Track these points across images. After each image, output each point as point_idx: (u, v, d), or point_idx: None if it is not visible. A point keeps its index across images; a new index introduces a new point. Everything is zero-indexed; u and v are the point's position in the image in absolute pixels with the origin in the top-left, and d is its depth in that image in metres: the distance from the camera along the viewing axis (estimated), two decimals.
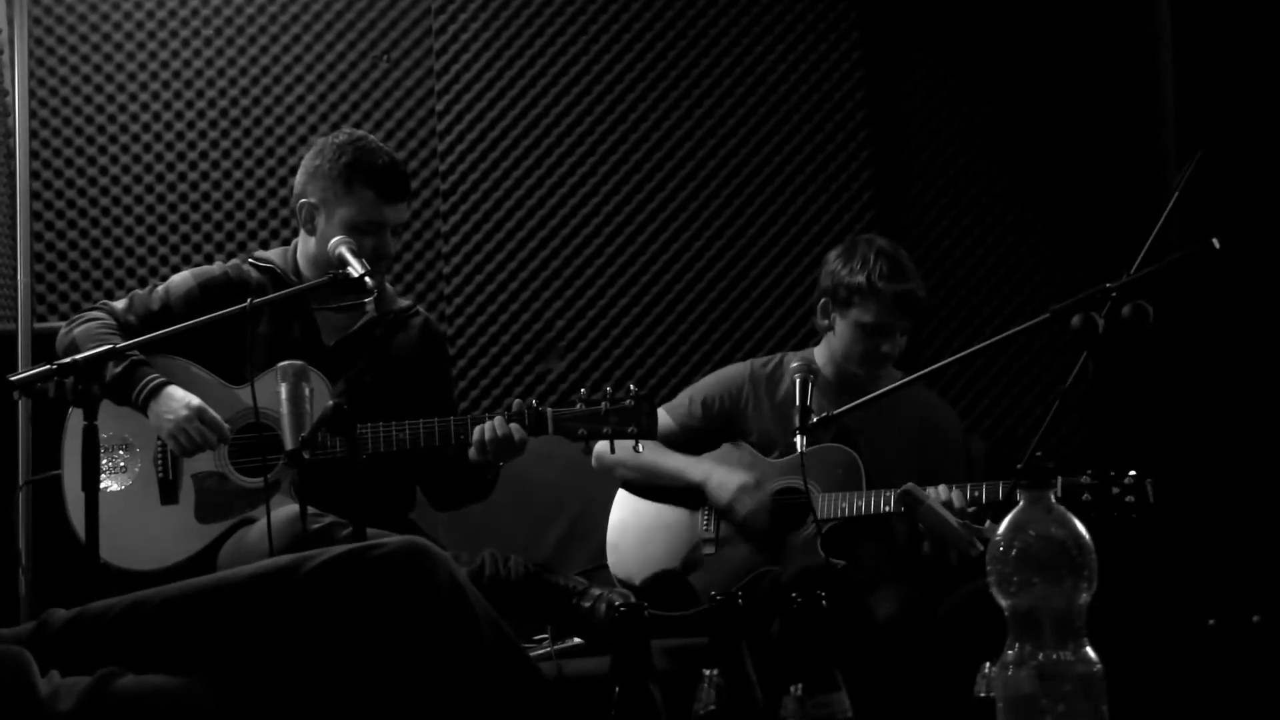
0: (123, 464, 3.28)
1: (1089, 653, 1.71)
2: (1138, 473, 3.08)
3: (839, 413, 3.17)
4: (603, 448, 3.49)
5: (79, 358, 2.83)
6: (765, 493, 3.50)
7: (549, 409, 3.20)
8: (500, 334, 4.37)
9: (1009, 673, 1.71)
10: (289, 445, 2.74)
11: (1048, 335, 4.19)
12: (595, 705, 2.07)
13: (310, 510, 2.95)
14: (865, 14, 4.40)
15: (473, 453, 3.19)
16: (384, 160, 3.36)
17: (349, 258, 3.16)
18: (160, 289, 3.37)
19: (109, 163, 4.36)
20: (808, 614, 2.01)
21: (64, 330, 3.32)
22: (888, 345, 3.53)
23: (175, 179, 4.37)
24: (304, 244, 3.43)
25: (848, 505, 3.40)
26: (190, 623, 2.21)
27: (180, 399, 3.18)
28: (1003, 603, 1.74)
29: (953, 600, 3.26)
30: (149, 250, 4.36)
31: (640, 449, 3.23)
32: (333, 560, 2.21)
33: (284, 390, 2.77)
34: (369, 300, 3.16)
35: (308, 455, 2.73)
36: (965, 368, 4.33)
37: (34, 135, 4.31)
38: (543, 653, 3.19)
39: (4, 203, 4.17)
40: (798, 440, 3.17)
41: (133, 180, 4.37)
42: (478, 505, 3.50)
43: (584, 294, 4.37)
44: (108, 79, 4.37)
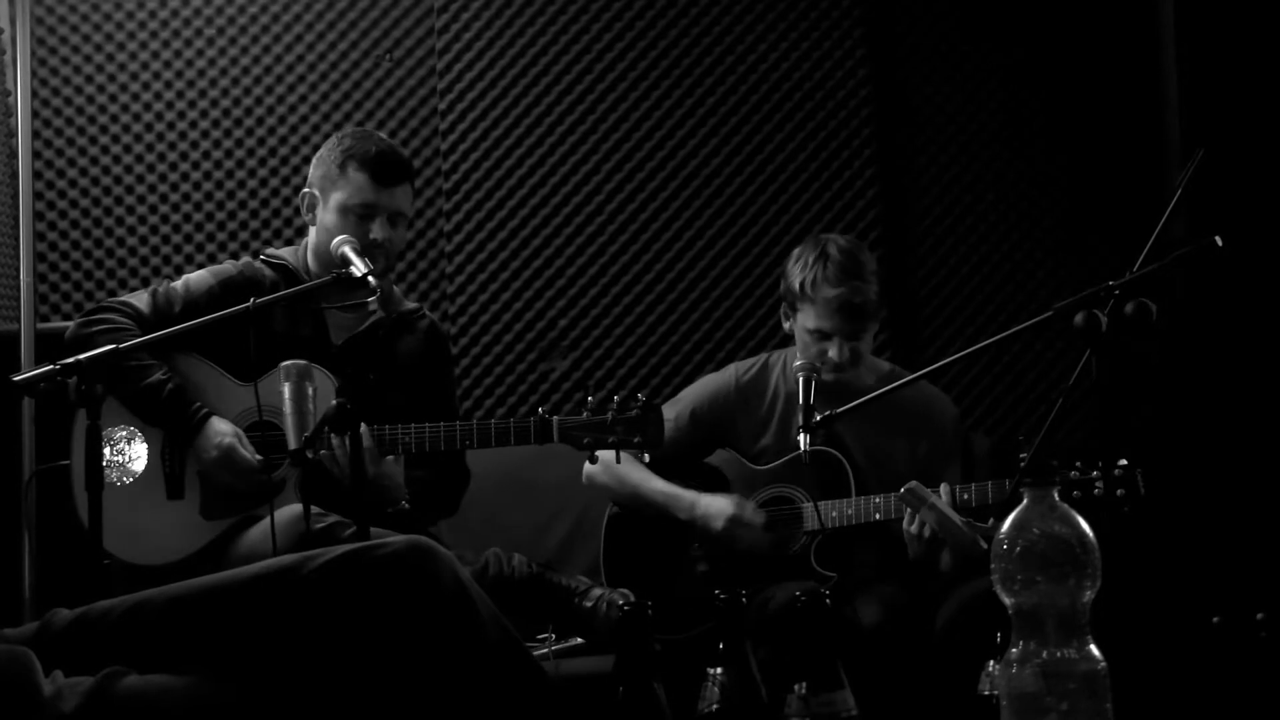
0: (129, 457, 3.28)
1: (1093, 650, 1.71)
2: (1128, 462, 3.04)
3: (841, 411, 3.13)
4: (591, 469, 3.47)
5: (82, 357, 2.83)
6: (757, 520, 3.44)
7: (555, 417, 3.19)
8: (503, 333, 4.36)
9: (1013, 671, 1.71)
10: (292, 445, 2.75)
11: (1051, 333, 4.20)
12: (598, 704, 2.07)
13: (314, 510, 2.95)
14: (870, 12, 4.39)
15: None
16: (380, 145, 3.38)
17: (352, 257, 3.17)
18: (179, 288, 3.35)
19: (111, 162, 4.36)
20: (811, 613, 2.02)
21: (76, 326, 3.28)
22: (833, 350, 3.43)
23: (178, 179, 4.37)
24: (310, 237, 3.44)
25: (838, 515, 3.37)
26: (194, 622, 2.21)
27: (213, 439, 3.19)
28: (1006, 601, 1.74)
29: (955, 600, 3.24)
30: (151, 250, 4.36)
31: (646, 459, 3.21)
32: (336, 559, 2.20)
33: (287, 390, 2.78)
34: (372, 299, 3.16)
35: (311, 454, 2.74)
36: (968, 365, 4.32)
37: (36, 135, 4.31)
38: (542, 653, 3.18)
39: (6, 202, 4.17)
40: (801, 439, 3.16)
41: (135, 180, 4.37)
42: (483, 505, 3.49)
43: (587, 293, 4.37)
44: (110, 79, 4.37)
